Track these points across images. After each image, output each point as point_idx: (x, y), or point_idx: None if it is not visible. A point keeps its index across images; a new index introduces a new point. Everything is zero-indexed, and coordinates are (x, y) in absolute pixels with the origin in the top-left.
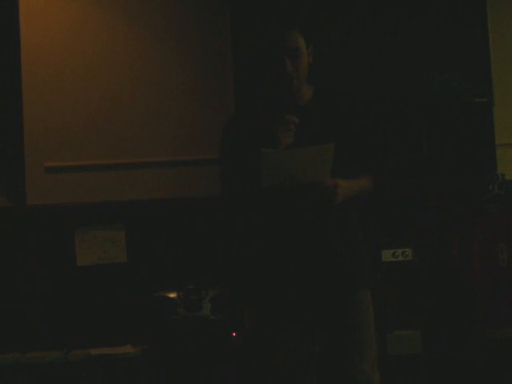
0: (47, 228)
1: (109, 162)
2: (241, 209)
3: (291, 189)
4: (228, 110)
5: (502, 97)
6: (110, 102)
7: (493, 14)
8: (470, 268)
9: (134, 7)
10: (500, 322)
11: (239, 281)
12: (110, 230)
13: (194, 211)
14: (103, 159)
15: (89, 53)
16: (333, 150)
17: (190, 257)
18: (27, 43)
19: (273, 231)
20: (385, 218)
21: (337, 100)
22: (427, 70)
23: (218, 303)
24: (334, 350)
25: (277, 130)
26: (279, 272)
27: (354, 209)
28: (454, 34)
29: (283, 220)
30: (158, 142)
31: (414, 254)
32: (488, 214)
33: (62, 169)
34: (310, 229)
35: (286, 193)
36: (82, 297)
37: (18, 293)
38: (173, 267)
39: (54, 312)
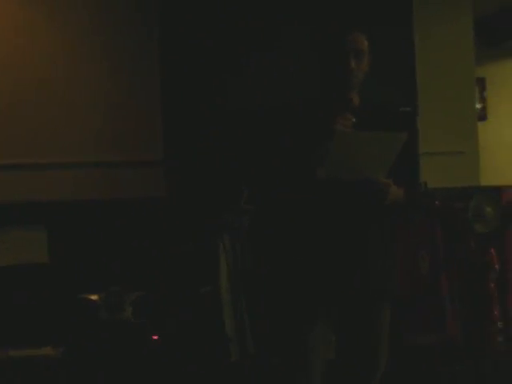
0: None
1: (31, 162)
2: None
3: (344, 183)
4: (154, 111)
5: (427, 105)
6: (36, 98)
7: (418, 24)
8: None
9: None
10: (420, 327)
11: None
12: (32, 230)
13: (118, 212)
14: (26, 158)
15: (15, 44)
16: (403, 141)
17: (113, 259)
18: None
19: (316, 224)
20: None
21: (381, 112)
22: None
23: (140, 306)
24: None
25: (335, 124)
26: (313, 265)
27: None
28: (380, 43)
29: (329, 214)
30: (82, 142)
31: None
32: (410, 222)
33: None
34: (352, 228)
35: (338, 186)
36: (3, 297)
37: None
38: (95, 269)
39: None
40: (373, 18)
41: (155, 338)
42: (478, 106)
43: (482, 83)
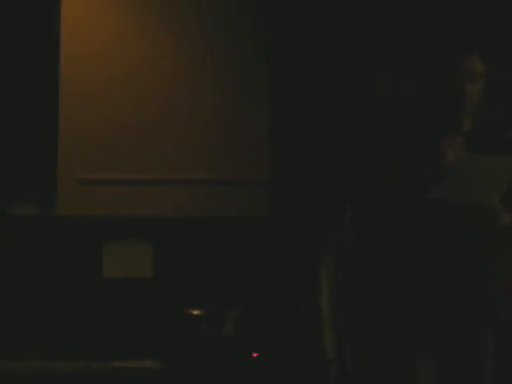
0: (76, 238)
1: (138, 177)
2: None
3: (453, 206)
4: (261, 131)
5: None
6: (146, 116)
7: None
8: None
9: (176, 19)
10: None
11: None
12: (138, 244)
13: (221, 230)
14: (136, 174)
15: (126, 66)
16: None
17: (215, 275)
18: (66, 53)
19: (421, 246)
20: None
21: (491, 137)
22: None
23: (241, 323)
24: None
25: (444, 146)
26: (417, 289)
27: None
28: (494, 66)
29: (436, 236)
30: (190, 160)
31: None
32: None
33: (95, 181)
34: (459, 253)
35: (445, 208)
36: (107, 308)
37: (43, 300)
38: (198, 284)
39: (78, 322)
40: (487, 41)
41: (255, 355)
42: None
43: None
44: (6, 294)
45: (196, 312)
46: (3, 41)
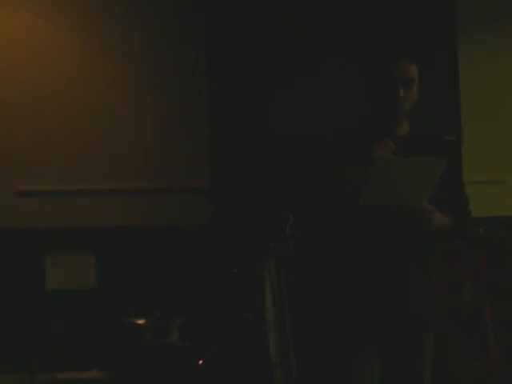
0: (17, 251)
1: (79, 188)
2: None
3: (384, 210)
4: (201, 139)
5: (471, 134)
6: (83, 126)
7: (463, 52)
8: None
9: (107, 30)
10: (462, 356)
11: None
12: (80, 255)
13: (164, 238)
14: (76, 184)
15: (60, 76)
16: (443, 168)
17: (158, 284)
18: None
19: (356, 251)
20: None
21: (428, 140)
22: None
23: (186, 331)
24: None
25: (374, 150)
26: (354, 293)
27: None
28: (424, 71)
29: (369, 241)
30: (129, 170)
31: None
32: (453, 251)
33: (35, 193)
34: (393, 256)
35: (378, 213)
36: (49, 320)
37: None
38: (141, 294)
39: (20, 334)
40: (417, 46)
41: (201, 362)
42: None
43: None
44: None
45: (140, 321)
46: None
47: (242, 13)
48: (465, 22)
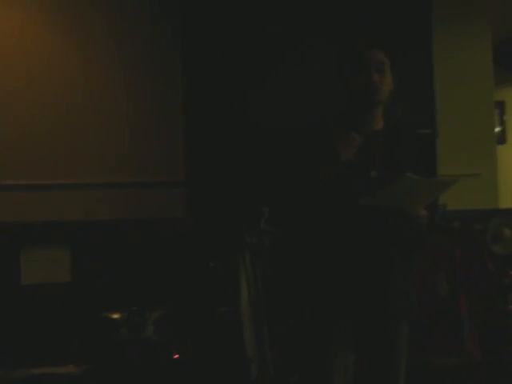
0: None
1: (55, 182)
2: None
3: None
4: (175, 132)
5: (444, 128)
6: (60, 120)
7: (437, 47)
8: None
9: (86, 28)
10: (439, 349)
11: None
12: (55, 249)
13: (139, 232)
14: (51, 179)
15: (34, 68)
16: (451, 186)
17: (134, 278)
18: None
19: (337, 244)
20: None
21: (403, 133)
22: None
23: (162, 325)
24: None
25: (339, 144)
26: (332, 285)
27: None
28: (399, 65)
29: (351, 236)
30: (104, 164)
31: None
32: (429, 244)
33: (9, 187)
34: (373, 250)
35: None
36: (25, 315)
37: None
38: (117, 288)
39: None
40: (392, 41)
41: (177, 356)
42: (498, 129)
43: (501, 107)
44: None
45: (115, 316)
46: None
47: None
48: (439, 14)
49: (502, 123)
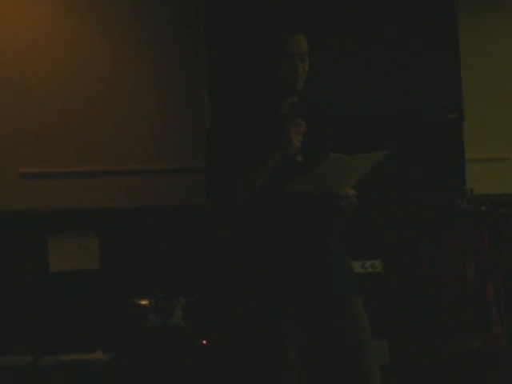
0: (19, 233)
1: (82, 170)
2: (241, 213)
3: (308, 196)
4: (202, 119)
5: (472, 112)
6: (86, 108)
7: (464, 30)
8: (438, 281)
9: (107, 13)
10: (466, 333)
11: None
12: (83, 237)
13: (167, 219)
14: (78, 166)
15: (64, 58)
16: (381, 159)
17: (162, 264)
18: None
19: (275, 238)
20: (355, 230)
21: (317, 114)
22: (398, 86)
23: (189, 311)
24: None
25: (290, 133)
26: (277, 277)
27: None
28: (425, 49)
29: (289, 227)
30: (129, 152)
31: (383, 265)
32: (456, 228)
33: (37, 175)
34: (311, 237)
35: (301, 198)
36: (55, 303)
37: None
38: (145, 275)
39: (25, 317)
40: (419, 27)
41: (204, 342)
42: None
43: None
44: None
45: (143, 302)
46: None
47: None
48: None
49: None
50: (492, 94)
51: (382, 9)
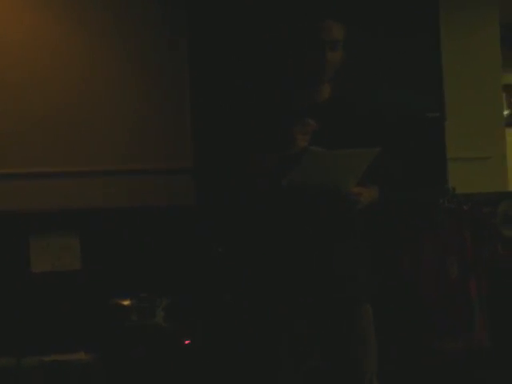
0: (1, 234)
1: (65, 170)
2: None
3: (310, 192)
4: (183, 119)
5: (454, 111)
6: (67, 108)
7: (445, 30)
8: (420, 280)
9: (86, 13)
10: (449, 333)
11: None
12: (65, 237)
13: (149, 220)
14: (59, 167)
15: (45, 59)
16: (375, 155)
17: (144, 265)
18: None
19: (282, 234)
20: None
21: (352, 105)
22: (379, 85)
23: (171, 311)
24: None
25: (295, 133)
26: (284, 276)
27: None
28: (406, 48)
29: (294, 223)
30: (114, 151)
31: None
32: (438, 227)
33: (18, 176)
34: (319, 236)
35: (304, 196)
36: (37, 303)
37: None
38: (126, 275)
39: (7, 318)
40: (400, 25)
41: (187, 342)
42: (506, 112)
43: (509, 90)
44: None
45: (125, 302)
46: None
47: None
48: None
49: (511, 106)
50: (474, 93)
51: (361, 8)
